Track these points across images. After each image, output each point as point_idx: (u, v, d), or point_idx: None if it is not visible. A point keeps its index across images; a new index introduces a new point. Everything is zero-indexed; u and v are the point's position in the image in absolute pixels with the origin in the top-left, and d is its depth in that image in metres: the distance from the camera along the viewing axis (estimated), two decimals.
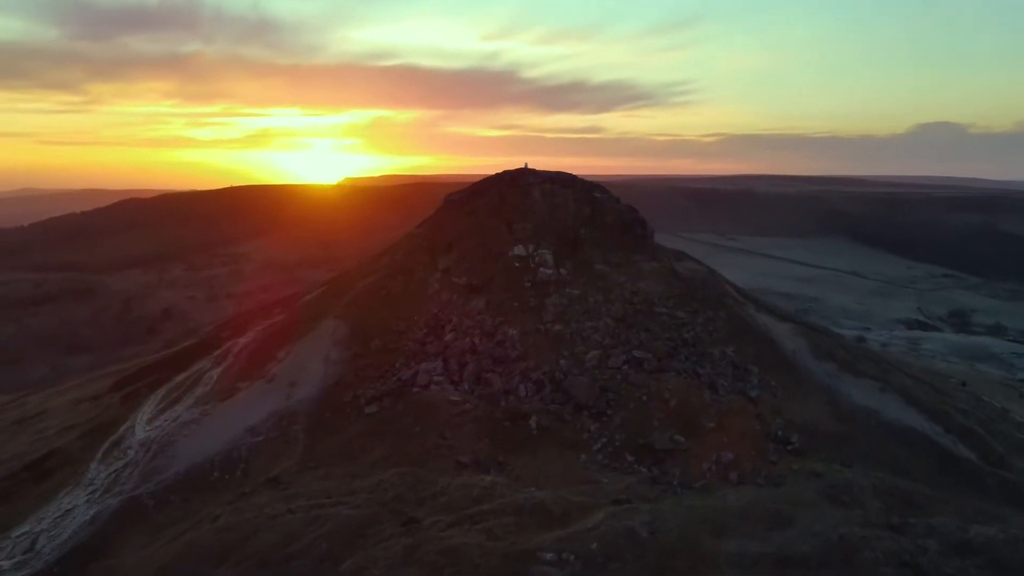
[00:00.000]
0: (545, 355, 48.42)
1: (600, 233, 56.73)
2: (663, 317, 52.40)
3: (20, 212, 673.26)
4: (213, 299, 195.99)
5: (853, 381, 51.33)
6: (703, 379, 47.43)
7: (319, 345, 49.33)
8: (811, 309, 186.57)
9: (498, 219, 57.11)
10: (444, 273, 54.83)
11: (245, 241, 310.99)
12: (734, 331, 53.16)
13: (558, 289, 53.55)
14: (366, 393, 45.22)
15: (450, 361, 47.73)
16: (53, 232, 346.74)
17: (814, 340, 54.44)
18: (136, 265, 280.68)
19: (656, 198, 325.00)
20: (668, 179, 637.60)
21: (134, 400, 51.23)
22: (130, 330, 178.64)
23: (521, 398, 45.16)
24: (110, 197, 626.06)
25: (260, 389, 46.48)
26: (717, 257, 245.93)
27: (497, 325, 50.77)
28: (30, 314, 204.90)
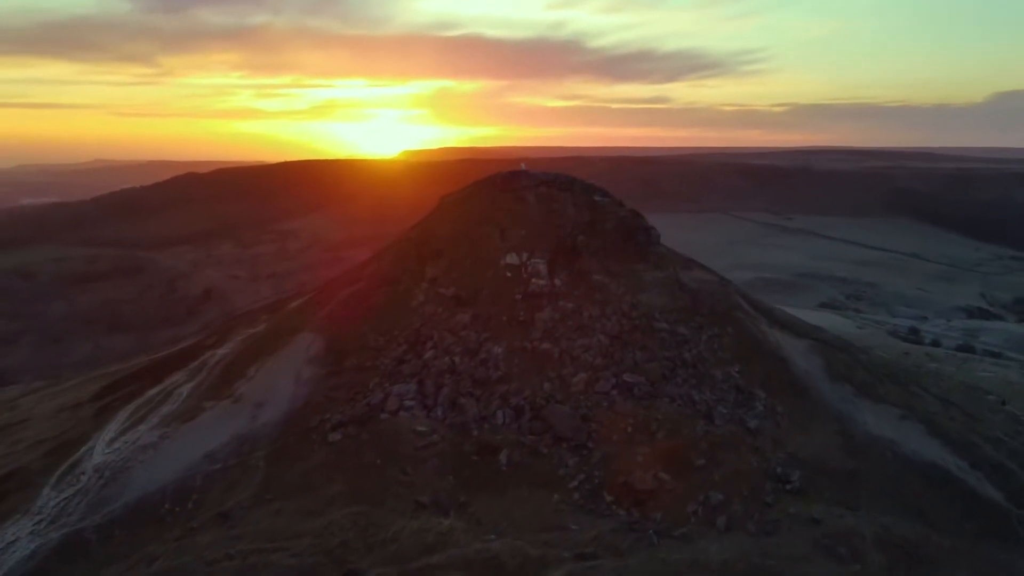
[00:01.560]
0: (529, 377, 45.12)
1: (600, 240, 52.93)
2: (663, 334, 48.61)
3: (92, 183, 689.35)
4: (255, 279, 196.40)
5: (871, 407, 47.10)
6: (698, 407, 43.70)
7: (292, 362, 46.71)
8: (865, 295, 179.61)
9: (490, 225, 53.66)
10: (431, 283, 51.68)
11: (296, 218, 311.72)
12: (741, 349, 49.20)
13: (551, 302, 50.06)
14: (333, 418, 42.47)
15: (426, 383, 44.70)
16: (112, 207, 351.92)
17: (831, 359, 50.17)
18: (187, 241, 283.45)
19: (711, 175, 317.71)
20: (729, 152, 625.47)
21: (108, 414, 49.32)
22: (171, 310, 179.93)
23: (497, 426, 42.03)
24: (178, 169, 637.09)
25: (225, 410, 44.06)
26: (771, 238, 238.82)
27: (482, 342, 47.54)
28: (80, 291, 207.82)
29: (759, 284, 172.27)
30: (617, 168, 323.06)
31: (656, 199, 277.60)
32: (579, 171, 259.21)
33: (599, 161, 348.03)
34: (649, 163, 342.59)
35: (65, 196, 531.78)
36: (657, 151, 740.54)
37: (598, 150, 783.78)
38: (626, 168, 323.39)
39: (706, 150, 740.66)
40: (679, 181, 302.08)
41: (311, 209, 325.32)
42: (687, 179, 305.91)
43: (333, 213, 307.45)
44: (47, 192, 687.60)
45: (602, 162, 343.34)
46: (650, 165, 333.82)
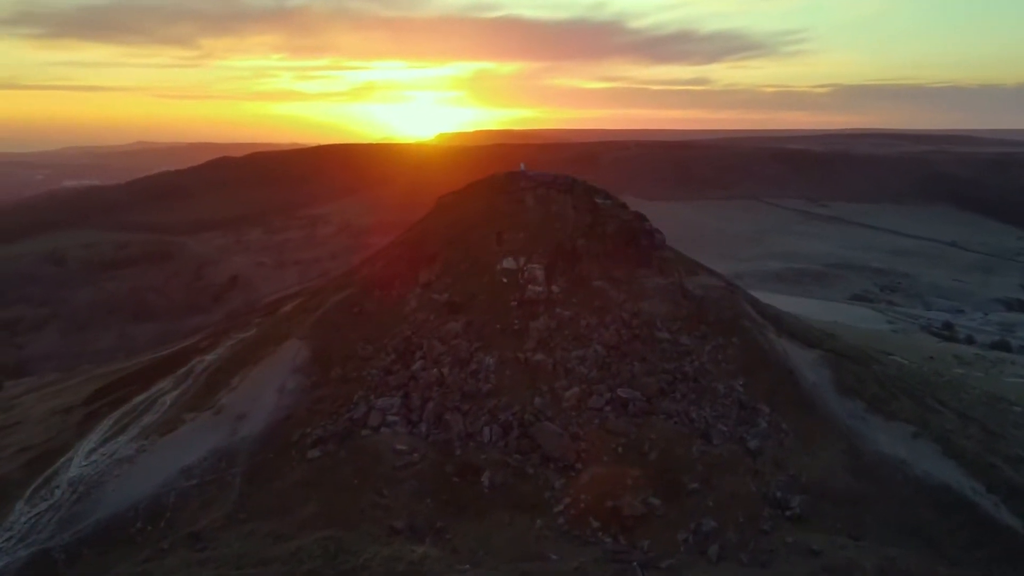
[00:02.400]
0: (520, 391, 43.25)
1: (600, 244, 50.75)
2: (664, 344, 46.48)
3: (133, 165, 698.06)
4: (280, 266, 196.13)
5: (882, 424, 44.59)
6: (696, 424, 41.59)
7: (276, 372, 45.21)
8: (900, 287, 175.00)
9: (487, 228, 51.71)
10: (425, 288, 49.92)
11: (326, 203, 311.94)
12: (747, 361, 46.91)
13: (548, 309, 48.08)
14: (314, 433, 40.97)
15: (412, 396, 42.99)
16: (146, 191, 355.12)
17: (842, 371, 47.64)
18: (218, 227, 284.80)
19: (745, 160, 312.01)
20: (769, 135, 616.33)
21: (93, 421, 48.23)
22: (196, 298, 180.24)
23: (482, 444, 40.26)
24: (217, 151, 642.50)
25: (205, 423, 42.70)
26: (804, 226, 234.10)
27: (473, 352, 45.71)
28: (108, 278, 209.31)
29: (789, 275, 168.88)
30: (649, 153, 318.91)
31: (688, 185, 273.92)
32: (611, 155, 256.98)
33: (632, 146, 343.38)
34: (682, 148, 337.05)
35: (106, 178, 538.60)
36: (694, 134, 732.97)
37: (636, 133, 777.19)
38: (658, 153, 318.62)
39: (745, 133, 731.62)
40: (712, 166, 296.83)
41: (342, 194, 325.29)
42: (720, 164, 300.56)
43: (364, 198, 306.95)
44: (89, 174, 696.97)
45: (635, 147, 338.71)
46: (683, 150, 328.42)
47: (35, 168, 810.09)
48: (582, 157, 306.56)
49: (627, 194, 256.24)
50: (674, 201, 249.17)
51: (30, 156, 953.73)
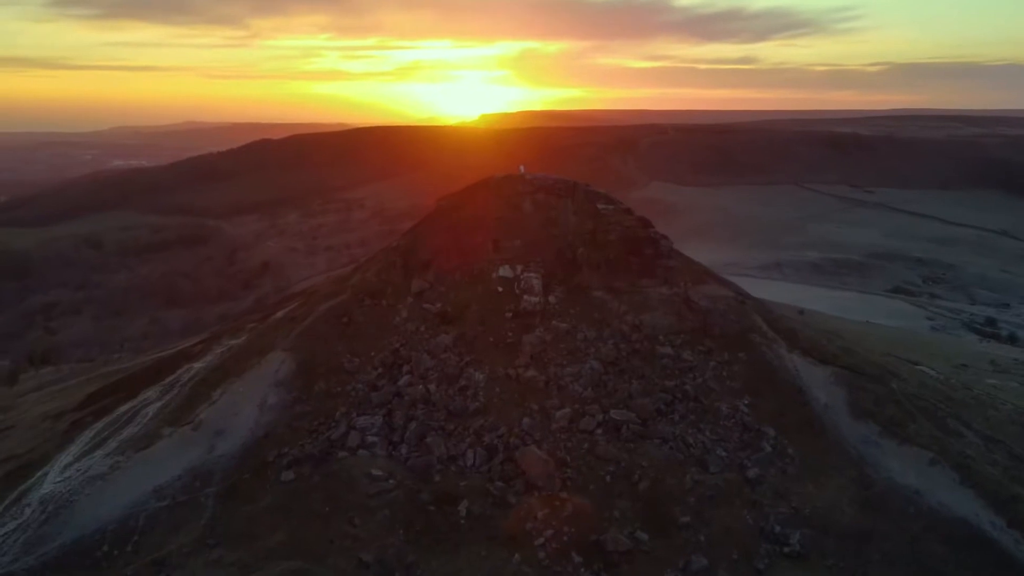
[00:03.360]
0: (508, 410, 41.19)
1: (602, 253, 48.21)
2: (665, 360, 44.03)
3: (181, 145, 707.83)
4: (312, 252, 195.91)
5: (896, 449, 41.70)
6: (693, 450, 39.21)
7: (258, 385, 43.56)
8: (944, 278, 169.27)
9: (483, 235, 49.48)
10: (416, 298, 47.93)
11: (363, 185, 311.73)
12: (753, 378, 44.29)
13: (544, 322, 45.84)
14: (291, 453, 39.32)
15: (395, 414, 41.10)
16: (186, 173, 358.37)
17: (857, 391, 44.73)
18: (255, 210, 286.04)
19: (788, 143, 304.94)
20: (818, 116, 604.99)
21: (77, 430, 47.14)
22: (227, 284, 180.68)
23: (464, 469, 38.30)
24: (263, 132, 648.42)
25: (182, 439, 41.19)
26: (847, 213, 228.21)
27: (463, 366, 43.69)
28: (143, 261, 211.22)
29: (828, 266, 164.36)
30: (688, 137, 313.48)
31: (727, 170, 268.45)
32: (650, 139, 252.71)
33: (670, 130, 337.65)
34: (722, 132, 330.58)
35: (154, 158, 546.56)
36: (739, 115, 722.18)
37: (681, 114, 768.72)
38: (697, 137, 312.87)
39: (792, 114, 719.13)
40: (753, 151, 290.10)
41: (379, 176, 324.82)
42: (762, 148, 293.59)
43: (400, 182, 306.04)
44: (138, 154, 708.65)
45: (673, 131, 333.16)
46: (723, 134, 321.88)
47: (85, 148, 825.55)
48: (620, 141, 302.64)
49: (665, 180, 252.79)
50: (712, 187, 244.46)
51: (81, 136, 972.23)
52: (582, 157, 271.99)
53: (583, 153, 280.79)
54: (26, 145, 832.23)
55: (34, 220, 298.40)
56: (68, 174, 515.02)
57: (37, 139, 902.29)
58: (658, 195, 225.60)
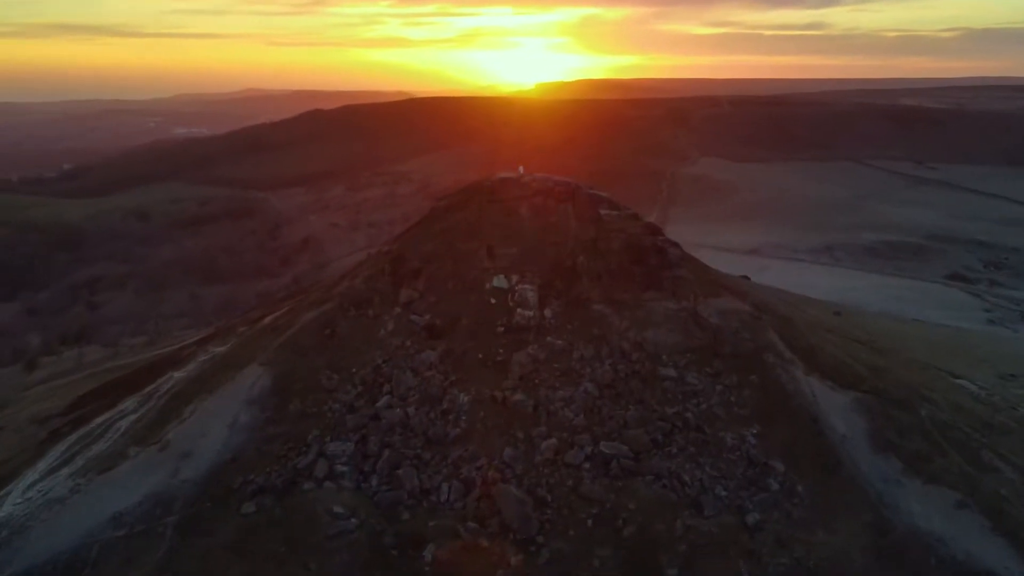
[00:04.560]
0: (491, 438, 38.12)
1: (603, 262, 44.55)
2: (667, 383, 40.45)
3: (242, 113, 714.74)
4: (353, 228, 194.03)
5: (920, 489, 37.75)
6: (688, 489, 35.74)
7: (231, 402, 41.12)
8: (1007, 263, 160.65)
9: (477, 241, 46.15)
10: (405, 308, 44.91)
11: (412, 158, 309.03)
12: (764, 405, 40.50)
13: (538, 338, 42.53)
14: (257, 480, 36.82)
15: (370, 440, 38.31)
16: (237, 144, 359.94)
17: (880, 419, 40.71)
18: (302, 183, 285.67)
19: (848, 117, 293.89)
20: (886, 84, 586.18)
21: (54, 441, 45.35)
22: (267, 260, 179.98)
23: (436, 505, 35.42)
24: (323, 100, 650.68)
25: (148, 460, 39.01)
26: (907, 192, 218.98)
27: (447, 387, 40.68)
28: (189, 235, 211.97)
29: (884, 249, 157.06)
30: (743, 110, 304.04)
31: (783, 145, 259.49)
32: (703, 112, 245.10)
33: (725, 102, 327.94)
34: (780, 103, 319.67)
35: (215, 126, 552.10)
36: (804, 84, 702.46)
37: (741, 83, 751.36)
38: (753, 110, 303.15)
39: (860, 82, 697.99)
40: (811, 124, 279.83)
41: (428, 149, 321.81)
42: (821, 122, 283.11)
43: (449, 155, 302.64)
44: (199, 122, 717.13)
45: (729, 103, 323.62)
46: (781, 106, 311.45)
47: (148, 116, 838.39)
48: (673, 114, 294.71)
49: (717, 155, 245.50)
50: (766, 163, 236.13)
51: (144, 104, 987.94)
52: (632, 131, 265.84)
53: (633, 127, 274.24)
54: (92, 113, 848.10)
55: (90, 190, 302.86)
56: (130, 142, 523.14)
57: (103, 106, 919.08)
58: (708, 171, 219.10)
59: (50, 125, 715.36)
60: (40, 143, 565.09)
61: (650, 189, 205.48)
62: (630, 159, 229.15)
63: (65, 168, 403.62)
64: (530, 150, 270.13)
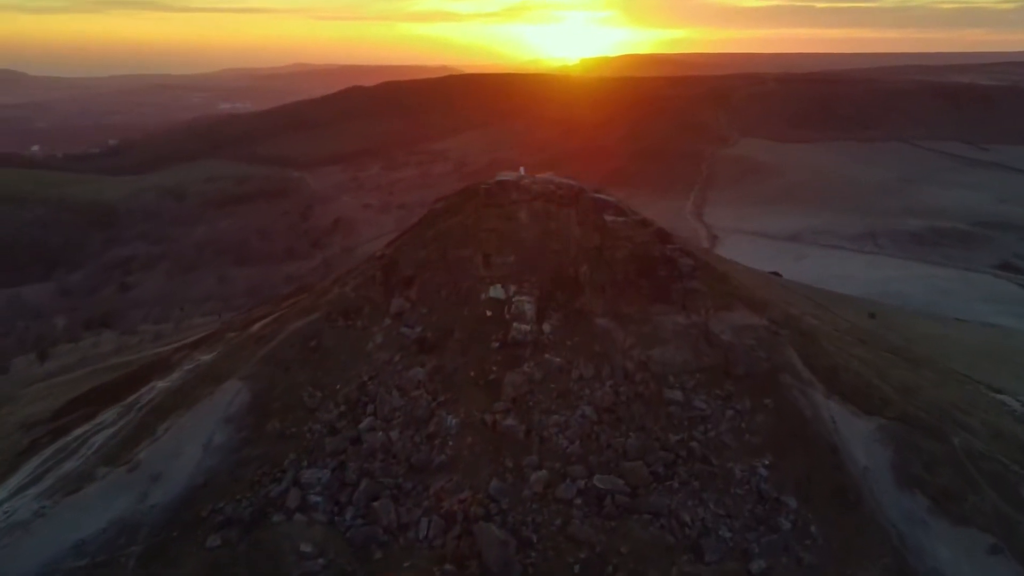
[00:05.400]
0: (478, 467, 35.36)
1: (608, 273, 41.24)
2: (672, 407, 37.27)
3: (288, 88, 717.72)
4: (384, 209, 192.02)
5: (948, 531, 34.28)
6: (688, 530, 32.68)
7: (206, 420, 38.80)
8: None
9: (473, 248, 43.11)
10: (395, 319, 42.15)
11: (449, 136, 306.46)
12: (779, 432, 37.16)
13: (535, 354, 39.53)
14: (225, 509, 34.47)
15: (348, 467, 35.75)
16: (277, 121, 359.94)
17: (907, 450, 37.14)
18: (339, 161, 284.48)
19: (897, 95, 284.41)
20: (941, 58, 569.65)
21: (31, 453, 43.45)
22: (297, 242, 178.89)
23: (413, 543, 32.77)
24: (368, 73, 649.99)
25: (116, 482, 36.87)
26: (957, 174, 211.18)
27: (435, 408, 37.93)
28: (223, 215, 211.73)
29: (929, 236, 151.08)
30: (787, 88, 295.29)
31: (828, 124, 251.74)
32: (746, 91, 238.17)
33: (769, 80, 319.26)
34: (826, 81, 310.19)
35: (260, 102, 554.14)
36: (853, 59, 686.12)
37: (792, 58, 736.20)
38: (798, 88, 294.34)
39: (911, 57, 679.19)
40: (858, 102, 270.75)
41: (466, 127, 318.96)
42: (868, 100, 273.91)
43: (485, 133, 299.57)
44: (245, 97, 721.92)
45: (773, 81, 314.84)
46: (827, 83, 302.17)
47: (194, 91, 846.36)
48: (715, 93, 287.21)
49: (758, 135, 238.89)
50: (810, 143, 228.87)
51: (191, 79, 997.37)
52: (672, 110, 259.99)
53: (674, 106, 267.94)
54: (139, 88, 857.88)
55: (130, 167, 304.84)
56: (176, 117, 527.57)
57: (150, 81, 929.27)
58: (749, 152, 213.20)
59: (98, 100, 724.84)
60: (88, 118, 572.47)
61: (689, 171, 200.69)
62: (669, 139, 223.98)
63: (110, 144, 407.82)
64: (567, 130, 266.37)
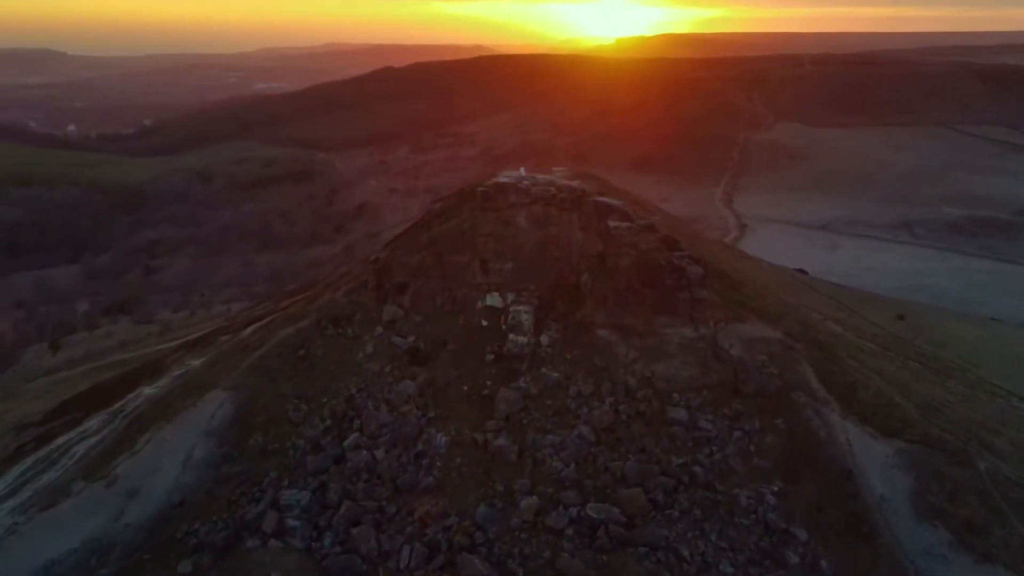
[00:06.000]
0: (467, 490, 33.41)
1: (611, 282, 38.78)
2: (676, 428, 34.96)
3: (323, 67, 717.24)
4: (410, 194, 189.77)
5: (970, 568, 31.79)
6: (687, 566, 30.55)
7: (188, 433, 37.15)
8: None
9: (469, 253, 40.88)
10: (387, 328, 40.15)
11: (478, 119, 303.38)
12: (790, 456, 34.74)
13: (531, 368, 37.42)
14: (199, 531, 32.82)
15: (330, 488, 33.92)
16: (306, 103, 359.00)
17: (927, 478, 34.54)
18: (367, 143, 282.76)
19: (940, 78, 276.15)
20: (993, 36, 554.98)
21: (13, 462, 42.03)
22: (321, 227, 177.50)
23: (395, 573, 30.85)
24: (402, 53, 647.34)
25: (93, 497, 35.46)
26: (1001, 160, 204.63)
27: (424, 425, 35.97)
28: (249, 198, 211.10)
29: (968, 226, 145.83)
30: (824, 71, 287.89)
31: (866, 109, 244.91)
32: (781, 73, 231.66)
33: (807, 61, 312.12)
34: (865, 63, 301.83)
35: (295, 82, 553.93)
36: (892, 39, 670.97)
37: (833, 37, 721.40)
38: (836, 71, 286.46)
39: (958, 37, 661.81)
40: (898, 86, 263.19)
41: (495, 110, 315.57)
42: (908, 84, 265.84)
43: (514, 116, 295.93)
44: (279, 77, 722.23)
45: (810, 63, 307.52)
46: (866, 66, 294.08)
47: (230, 70, 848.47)
48: (750, 75, 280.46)
49: (794, 119, 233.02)
50: (846, 128, 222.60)
51: (227, 58, 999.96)
52: (705, 93, 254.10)
53: (706, 88, 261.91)
54: (175, 67, 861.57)
55: (160, 148, 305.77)
56: (210, 97, 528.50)
57: (187, 60, 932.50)
58: (783, 138, 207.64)
59: (135, 79, 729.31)
60: (124, 98, 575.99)
61: (721, 155, 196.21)
62: (702, 123, 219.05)
63: (145, 124, 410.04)
64: (599, 112, 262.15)
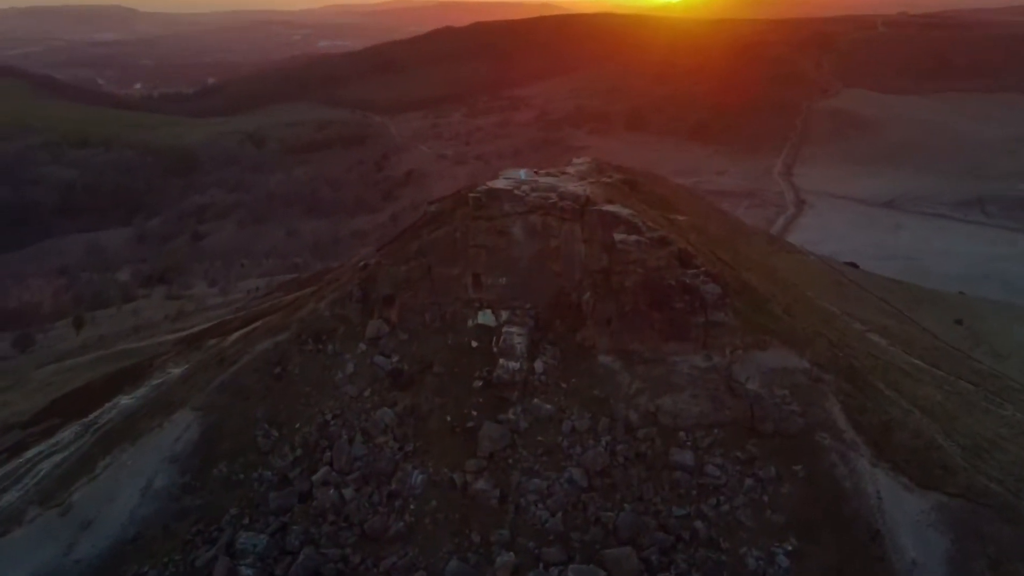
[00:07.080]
0: (439, 539, 30.05)
1: (615, 303, 34.61)
2: (679, 474, 31.02)
3: (389, 24, 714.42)
4: (460, 161, 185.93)
5: None
6: None
7: (150, 459, 34.40)
8: None
9: (461, 266, 37.03)
10: (370, 345, 36.69)
11: (534, 82, 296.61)
12: (808, 509, 30.57)
13: (522, 398, 33.67)
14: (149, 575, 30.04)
15: (290, 532, 30.83)
16: (365, 64, 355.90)
17: (968, 540, 30.08)
18: (422, 106, 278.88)
19: (1020, 43, 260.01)
20: None
21: None
22: (369, 194, 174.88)
23: None
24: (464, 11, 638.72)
25: (45, 526, 33.05)
26: None
27: (401, 459, 32.61)
28: (300, 162, 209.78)
29: None
30: (898, 33, 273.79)
31: (942, 74, 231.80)
32: (851, 36, 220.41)
33: (879, 23, 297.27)
34: (941, 26, 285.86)
35: (360, 40, 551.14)
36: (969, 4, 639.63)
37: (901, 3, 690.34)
38: (910, 33, 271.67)
39: None
40: (976, 49, 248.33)
41: (552, 72, 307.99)
42: (987, 47, 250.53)
43: (571, 80, 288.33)
44: (345, 34, 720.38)
45: (882, 24, 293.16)
46: (942, 28, 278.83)
47: (295, 27, 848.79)
48: (817, 38, 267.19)
49: (863, 86, 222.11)
50: (918, 95, 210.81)
51: (293, 14, 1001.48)
52: (769, 57, 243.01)
53: (771, 52, 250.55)
54: (243, 24, 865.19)
55: (218, 109, 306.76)
56: (274, 56, 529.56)
57: (253, 17, 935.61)
58: (850, 105, 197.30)
59: (203, 37, 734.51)
60: (191, 56, 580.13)
61: (782, 124, 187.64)
62: (764, 89, 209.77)
63: (209, 83, 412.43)
64: (657, 75, 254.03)
